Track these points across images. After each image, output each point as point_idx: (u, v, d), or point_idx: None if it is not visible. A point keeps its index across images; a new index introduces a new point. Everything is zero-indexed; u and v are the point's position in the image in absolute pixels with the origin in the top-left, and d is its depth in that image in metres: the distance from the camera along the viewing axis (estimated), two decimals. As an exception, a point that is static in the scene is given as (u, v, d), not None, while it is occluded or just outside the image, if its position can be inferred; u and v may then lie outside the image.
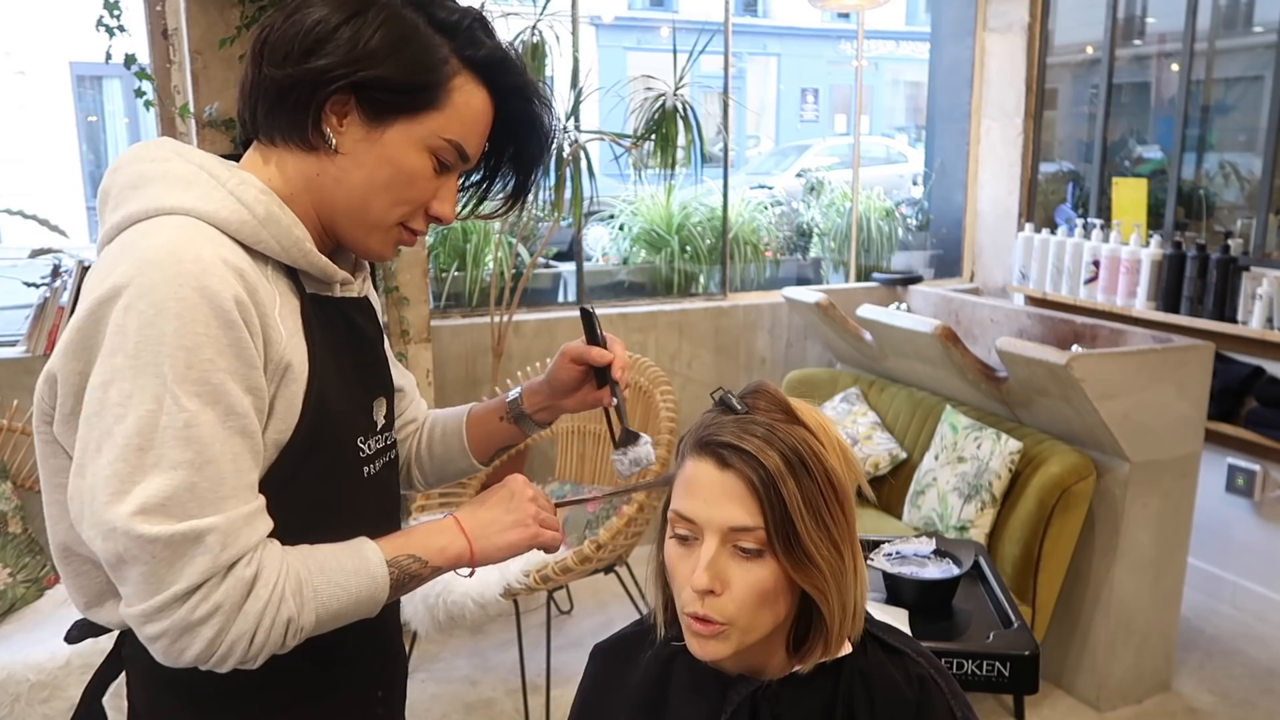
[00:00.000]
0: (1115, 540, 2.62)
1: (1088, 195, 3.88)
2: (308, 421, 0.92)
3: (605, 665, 1.12)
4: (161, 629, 0.82)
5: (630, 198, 4.55)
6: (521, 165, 1.06)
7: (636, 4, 17.08)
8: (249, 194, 0.90)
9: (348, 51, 0.89)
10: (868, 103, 16.73)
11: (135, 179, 0.90)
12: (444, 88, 0.93)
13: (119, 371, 0.81)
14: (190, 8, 2.67)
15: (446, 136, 0.95)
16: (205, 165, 0.91)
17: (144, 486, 0.80)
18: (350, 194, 0.95)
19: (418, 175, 0.95)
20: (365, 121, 0.93)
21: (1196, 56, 3.43)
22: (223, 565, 0.82)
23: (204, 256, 0.83)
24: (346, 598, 0.91)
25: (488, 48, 0.96)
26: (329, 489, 0.97)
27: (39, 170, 10.80)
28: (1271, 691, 2.84)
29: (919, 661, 1.03)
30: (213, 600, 0.82)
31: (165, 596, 0.81)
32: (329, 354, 0.95)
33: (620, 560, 2.66)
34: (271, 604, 0.85)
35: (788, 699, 0.98)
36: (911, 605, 2.01)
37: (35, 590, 2.48)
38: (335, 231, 0.98)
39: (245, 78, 0.94)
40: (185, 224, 0.86)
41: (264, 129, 0.94)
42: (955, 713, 1.00)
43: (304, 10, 0.91)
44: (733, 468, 0.92)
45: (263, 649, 0.86)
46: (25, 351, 2.87)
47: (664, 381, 2.75)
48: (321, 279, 0.97)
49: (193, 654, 0.83)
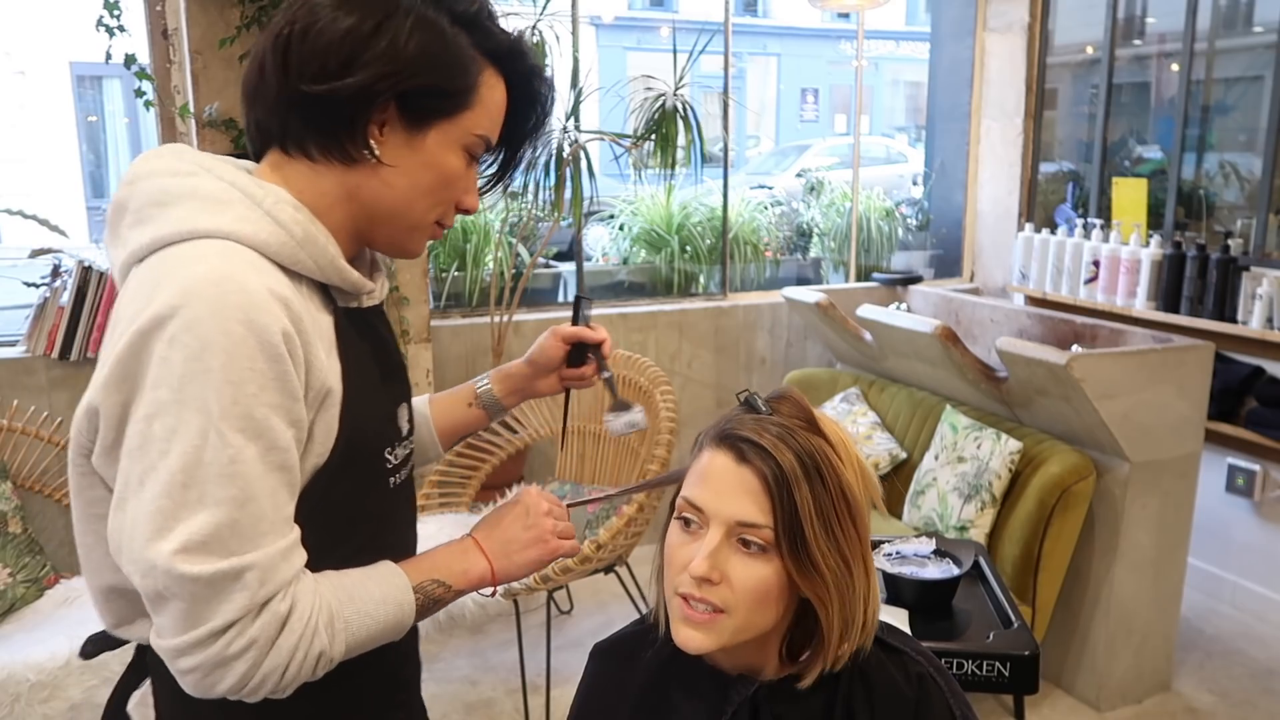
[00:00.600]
0: (1115, 540, 2.62)
1: (1088, 195, 3.88)
2: (343, 441, 0.91)
3: (605, 665, 1.12)
4: (195, 663, 0.81)
5: (630, 198, 4.55)
6: (513, 141, 1.04)
7: (636, 4, 17.07)
8: (285, 214, 0.88)
9: (388, 62, 0.87)
10: (868, 103, 16.74)
11: (159, 195, 0.87)
12: (476, 87, 0.93)
13: (164, 406, 0.79)
14: (190, 8, 2.67)
15: (478, 132, 0.95)
16: (237, 182, 0.88)
17: (187, 525, 0.79)
18: (395, 201, 0.94)
19: (455, 174, 0.95)
20: (406, 129, 0.91)
21: (1196, 56, 3.43)
22: (259, 602, 0.82)
23: (250, 287, 0.82)
24: (375, 626, 0.91)
25: (500, 37, 0.95)
26: (360, 503, 0.96)
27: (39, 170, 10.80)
28: (1271, 691, 2.84)
29: (918, 660, 1.03)
30: (248, 636, 0.82)
31: (201, 632, 0.80)
32: (359, 369, 0.94)
33: (620, 560, 2.66)
34: (305, 638, 0.85)
35: (788, 699, 0.98)
36: (911, 605, 2.01)
37: (35, 590, 2.48)
38: (371, 236, 0.97)
39: (267, 88, 0.90)
40: (226, 250, 0.84)
41: (295, 141, 0.91)
42: (954, 711, 1.00)
43: (329, 18, 0.87)
44: (750, 463, 0.92)
45: (294, 681, 0.86)
46: (25, 351, 2.87)
47: (664, 381, 2.75)
48: (351, 292, 0.96)
49: (224, 687, 0.83)
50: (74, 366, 2.90)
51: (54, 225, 2.83)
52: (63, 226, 2.87)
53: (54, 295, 2.87)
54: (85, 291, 2.84)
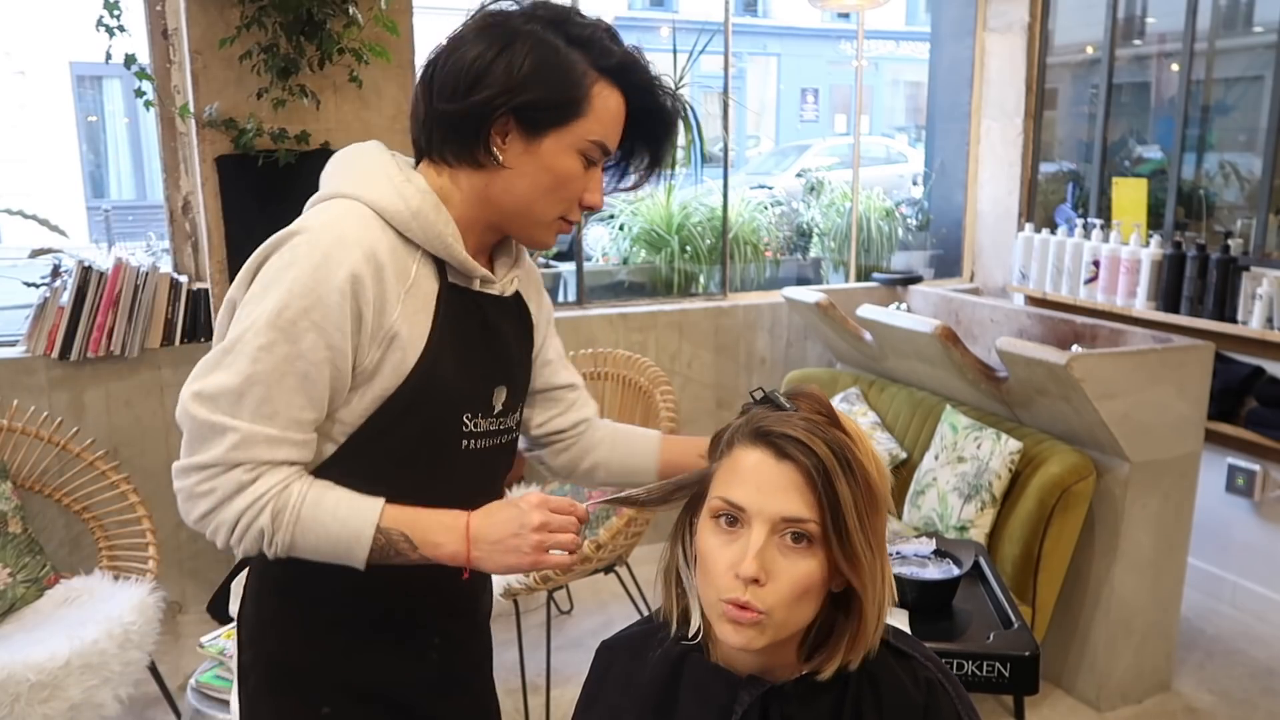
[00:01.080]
0: (1115, 540, 2.62)
1: (1088, 195, 3.88)
2: (411, 386, 1.07)
3: (611, 662, 1.11)
4: (179, 486, 1.04)
5: (630, 197, 4.55)
6: (651, 145, 1.17)
7: (636, 4, 17.07)
8: (409, 191, 1.08)
9: (505, 82, 1.04)
10: (868, 103, 16.73)
11: (336, 167, 1.13)
12: (586, 98, 1.07)
13: (254, 295, 1.03)
14: (190, 8, 2.66)
15: (592, 138, 1.09)
16: (386, 167, 1.10)
17: (209, 378, 1.02)
18: (518, 200, 1.10)
19: (572, 176, 1.10)
20: (524, 137, 1.07)
21: (1196, 56, 3.43)
22: (229, 462, 1.01)
23: (346, 235, 1.03)
24: (323, 538, 1.04)
25: (618, 55, 1.09)
26: (421, 450, 1.12)
27: (39, 170, 10.80)
28: (1271, 691, 2.84)
29: (926, 665, 1.03)
30: (210, 484, 1.02)
31: (186, 463, 1.03)
32: (453, 336, 1.11)
33: (620, 560, 2.66)
34: (249, 512, 1.02)
35: (798, 701, 0.98)
36: (911, 605, 2.00)
37: (35, 590, 2.48)
38: (505, 230, 1.15)
39: (416, 108, 1.11)
40: (350, 206, 1.07)
41: (437, 151, 1.11)
42: (961, 717, 1.00)
43: (464, 48, 1.06)
44: (790, 458, 0.92)
45: (239, 544, 1.04)
46: (25, 351, 2.87)
47: (664, 381, 2.75)
48: (463, 272, 1.12)
49: (193, 518, 1.04)
50: (74, 366, 2.90)
51: (54, 225, 2.83)
52: (63, 226, 2.87)
53: (54, 295, 2.87)
54: (85, 291, 2.84)
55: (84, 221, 10.63)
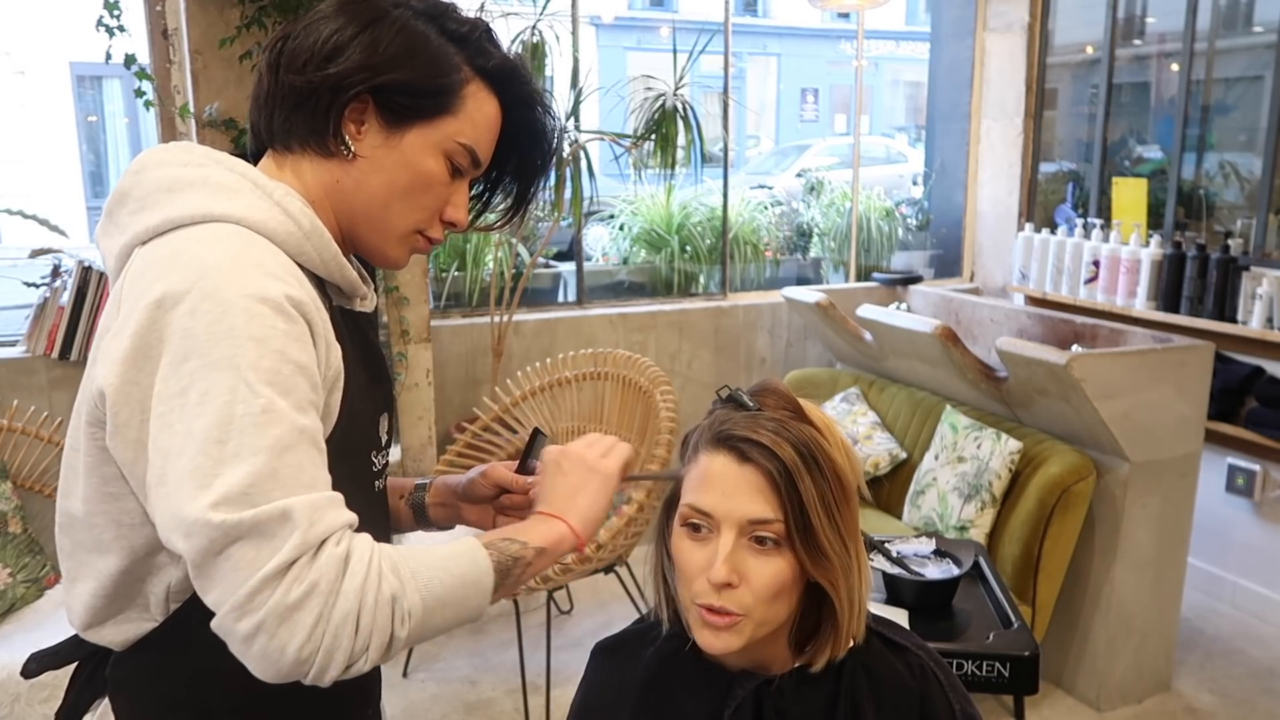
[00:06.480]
0: (1115, 540, 2.62)
1: (1088, 195, 3.88)
2: (341, 428, 0.90)
3: (607, 664, 1.12)
4: (257, 621, 0.74)
5: (630, 198, 4.55)
6: (524, 174, 1.06)
7: (636, 4, 17.07)
8: (294, 206, 0.89)
9: (366, 57, 0.90)
10: (868, 103, 16.73)
11: (168, 182, 0.88)
12: (458, 93, 0.94)
13: (195, 374, 0.77)
14: (190, 8, 2.67)
15: (461, 140, 0.95)
16: (246, 174, 0.90)
17: (224, 478, 0.75)
18: (370, 199, 0.94)
19: (434, 180, 0.95)
20: (383, 127, 0.93)
21: (1196, 56, 3.43)
22: (313, 541, 0.76)
23: (265, 264, 0.83)
24: (450, 579, 0.84)
25: (497, 58, 0.97)
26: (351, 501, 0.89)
27: (39, 170, 10.80)
28: (1271, 691, 2.84)
29: (918, 654, 1.04)
30: (308, 580, 0.75)
31: (256, 581, 0.74)
32: (355, 365, 0.94)
33: (620, 560, 2.66)
34: (371, 579, 0.78)
35: (791, 694, 0.99)
36: (911, 605, 2.00)
37: (35, 590, 2.48)
38: (353, 239, 0.98)
39: (260, 87, 0.94)
40: (239, 232, 0.85)
41: (281, 136, 0.94)
42: (954, 705, 1.01)
43: (321, 20, 0.91)
44: (752, 461, 0.93)
45: (371, 636, 0.78)
46: (25, 351, 2.87)
47: (664, 381, 2.75)
48: (348, 293, 0.97)
49: (295, 648, 0.74)
50: (74, 366, 2.90)
51: (54, 225, 2.83)
52: (63, 226, 2.88)
53: (54, 295, 2.87)
54: (85, 291, 2.84)
55: (84, 221, 10.62)
